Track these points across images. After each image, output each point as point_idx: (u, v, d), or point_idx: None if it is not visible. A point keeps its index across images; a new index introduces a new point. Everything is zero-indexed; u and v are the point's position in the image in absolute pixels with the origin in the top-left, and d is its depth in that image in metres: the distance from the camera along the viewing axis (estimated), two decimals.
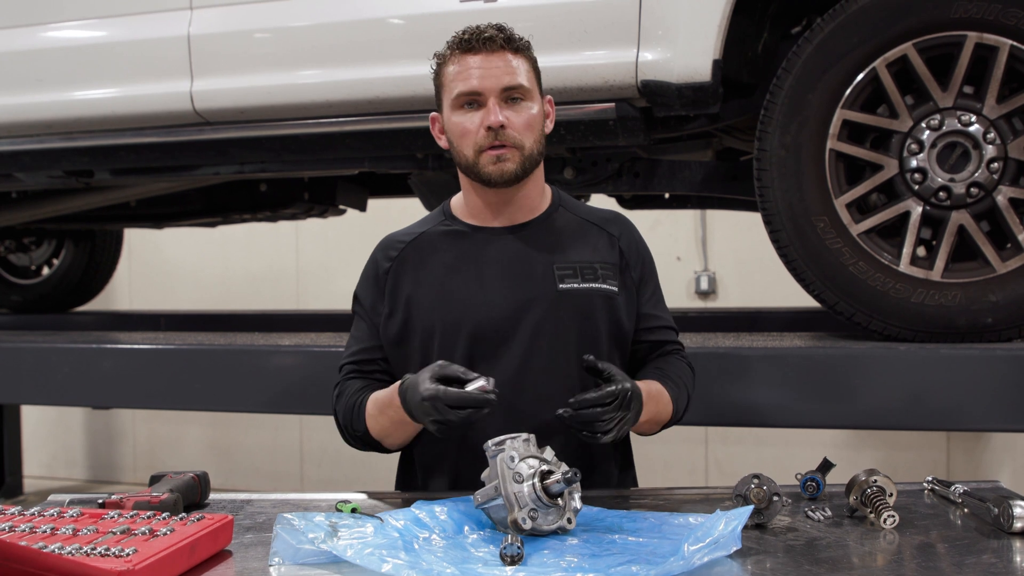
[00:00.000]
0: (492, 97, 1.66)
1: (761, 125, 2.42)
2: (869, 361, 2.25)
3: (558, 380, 1.70)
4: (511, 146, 1.67)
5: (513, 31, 1.71)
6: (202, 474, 1.70)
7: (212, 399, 2.92)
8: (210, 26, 2.89)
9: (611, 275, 1.76)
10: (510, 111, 1.67)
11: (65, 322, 4.52)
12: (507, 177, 1.69)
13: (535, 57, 1.74)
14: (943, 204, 2.33)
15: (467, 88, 1.67)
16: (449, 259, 1.76)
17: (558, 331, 1.70)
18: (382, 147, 2.83)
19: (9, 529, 1.35)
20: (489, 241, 1.76)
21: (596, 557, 1.29)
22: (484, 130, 1.67)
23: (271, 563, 1.31)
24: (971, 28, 2.27)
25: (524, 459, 1.38)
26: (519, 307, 1.71)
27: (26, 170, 3.27)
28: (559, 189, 1.87)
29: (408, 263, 1.78)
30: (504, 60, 1.67)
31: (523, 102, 1.69)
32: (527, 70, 1.70)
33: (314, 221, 4.35)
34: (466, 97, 1.68)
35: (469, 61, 1.67)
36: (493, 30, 1.68)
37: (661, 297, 1.86)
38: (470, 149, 1.69)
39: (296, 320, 4.39)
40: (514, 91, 1.67)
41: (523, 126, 1.68)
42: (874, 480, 1.52)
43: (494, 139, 1.66)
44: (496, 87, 1.66)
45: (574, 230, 1.79)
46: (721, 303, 5.09)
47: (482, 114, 1.67)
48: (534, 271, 1.73)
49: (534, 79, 1.72)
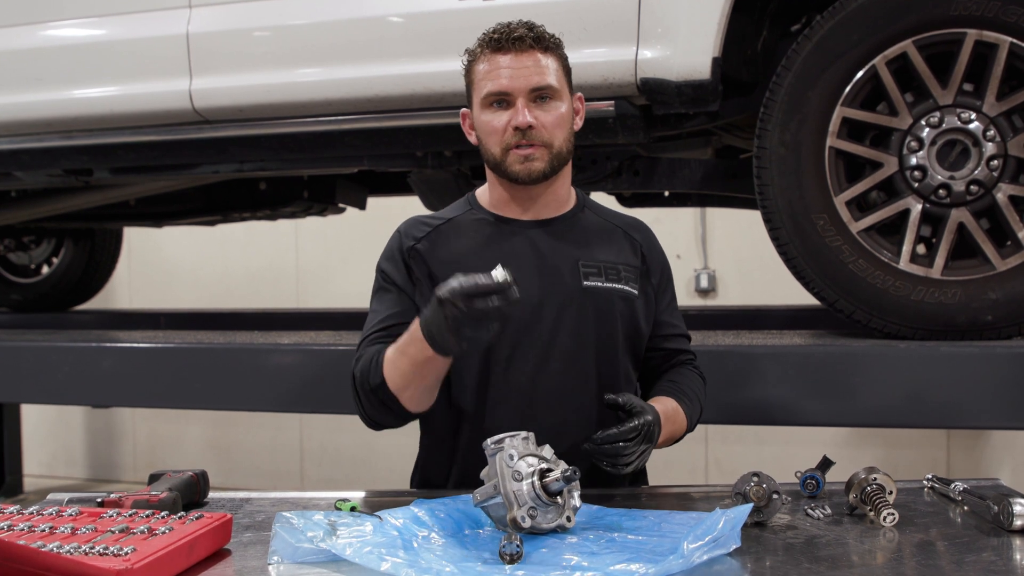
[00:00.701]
0: (521, 97, 1.66)
1: (761, 123, 2.42)
2: (869, 359, 2.25)
3: (575, 375, 1.70)
4: (540, 145, 1.67)
5: (543, 29, 1.71)
6: (201, 473, 1.70)
7: (212, 398, 2.92)
8: (209, 24, 2.88)
9: (633, 278, 1.77)
10: (539, 111, 1.67)
11: (65, 321, 4.52)
12: (535, 176, 1.69)
13: (565, 55, 1.74)
14: (943, 202, 2.33)
15: (496, 88, 1.67)
16: (474, 245, 1.75)
17: (579, 327, 1.71)
18: (382, 145, 2.83)
19: (8, 528, 1.35)
20: (515, 232, 1.76)
21: (595, 555, 1.29)
22: (512, 129, 1.67)
23: (270, 562, 1.31)
24: (971, 25, 2.26)
25: (523, 457, 1.38)
26: (543, 299, 1.70)
27: (25, 169, 3.27)
28: (582, 192, 1.88)
29: (434, 245, 1.76)
30: (534, 59, 1.67)
31: (552, 101, 1.69)
32: (556, 68, 1.70)
33: (314, 220, 4.35)
34: (495, 96, 1.68)
35: (499, 60, 1.67)
36: (523, 29, 1.68)
37: (677, 306, 1.90)
38: (497, 147, 1.69)
39: (296, 319, 4.38)
40: (543, 91, 1.67)
41: (552, 124, 1.68)
42: (874, 478, 1.52)
43: (521, 138, 1.67)
44: (525, 87, 1.66)
45: (599, 231, 1.81)
46: (721, 301, 5.09)
47: (510, 113, 1.67)
48: (560, 266, 1.73)
49: (563, 77, 1.72)
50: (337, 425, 5.44)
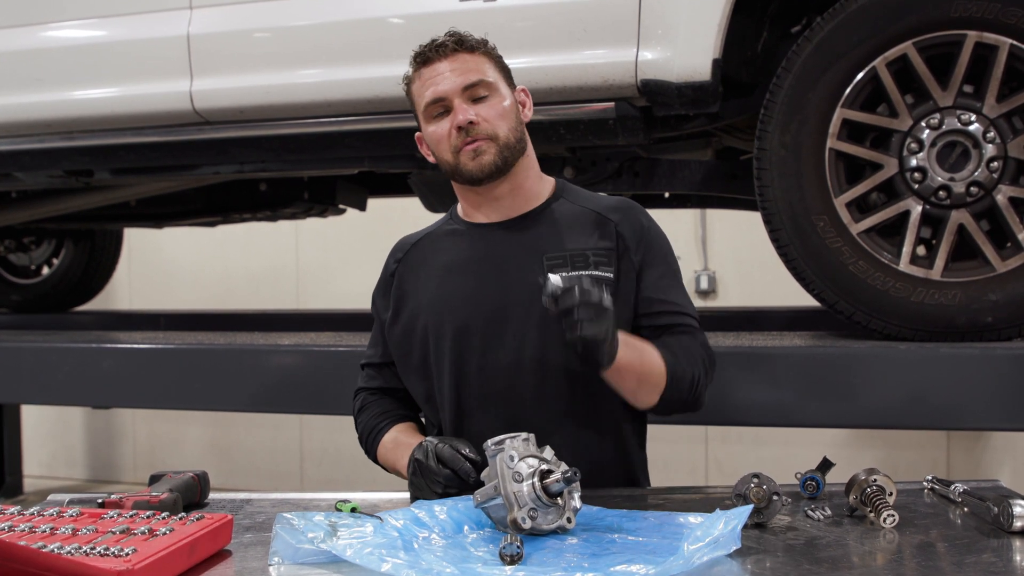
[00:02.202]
0: (456, 98, 1.68)
1: (761, 124, 2.42)
2: (869, 360, 2.25)
3: (553, 372, 1.69)
4: (484, 138, 1.68)
5: (467, 33, 1.72)
6: (201, 474, 1.71)
7: (212, 398, 2.92)
8: (210, 25, 2.89)
9: (605, 261, 1.70)
10: (478, 107, 1.68)
11: (65, 322, 4.52)
12: (488, 169, 1.69)
13: (497, 54, 1.75)
14: (943, 203, 2.33)
15: (432, 96, 1.69)
16: (447, 259, 1.78)
17: (547, 322, 1.66)
18: (382, 146, 2.83)
19: (8, 529, 1.35)
20: (482, 237, 1.77)
21: (596, 556, 1.29)
22: (455, 131, 1.68)
23: (270, 563, 1.31)
24: (971, 27, 2.27)
25: (523, 458, 1.38)
26: (507, 302, 1.70)
27: (26, 170, 3.27)
28: (567, 182, 1.86)
29: (411, 265, 1.81)
30: (460, 61, 1.69)
31: (490, 97, 1.69)
32: (487, 63, 1.71)
33: (314, 220, 4.35)
34: (435, 107, 1.70)
35: (428, 71, 1.70)
36: (446, 37, 1.71)
37: (674, 283, 1.77)
38: (448, 153, 1.70)
39: (296, 320, 4.38)
40: (477, 88, 1.68)
41: (494, 116, 1.68)
42: (874, 479, 1.52)
43: (466, 137, 1.68)
44: (457, 87, 1.67)
45: (572, 219, 1.76)
46: (721, 302, 5.09)
47: (451, 117, 1.69)
48: (524, 264, 1.71)
49: (498, 73, 1.73)
50: (337, 426, 5.41)
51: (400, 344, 1.79)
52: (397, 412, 1.84)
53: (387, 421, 1.82)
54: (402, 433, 1.78)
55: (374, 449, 1.82)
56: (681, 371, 1.66)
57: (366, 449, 1.85)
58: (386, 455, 1.79)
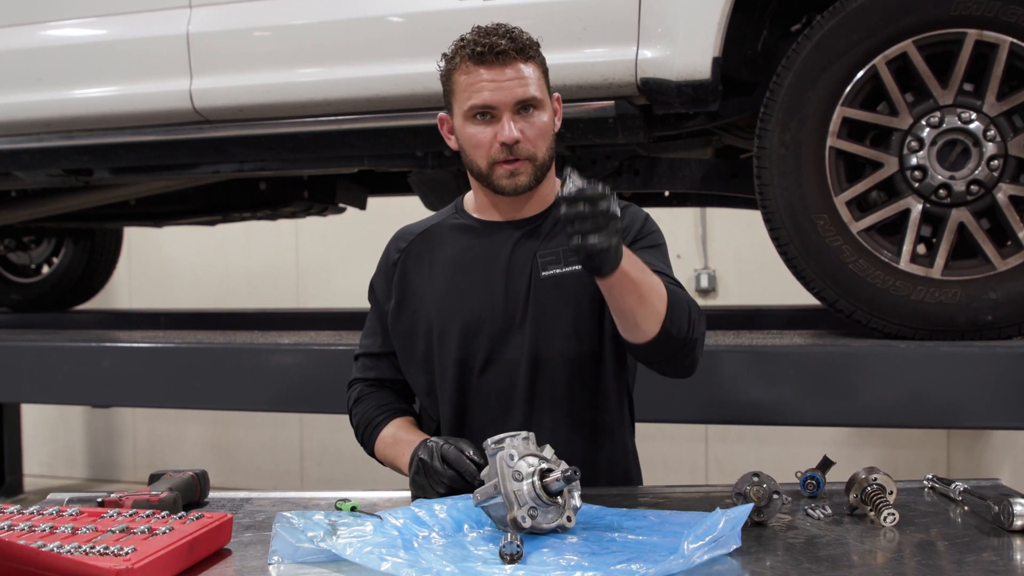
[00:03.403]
0: (506, 112, 1.64)
1: (761, 123, 2.42)
2: (869, 359, 2.25)
3: (559, 365, 1.70)
4: (525, 159, 1.66)
5: (522, 34, 1.68)
6: (201, 473, 1.70)
7: (212, 397, 2.92)
8: (209, 24, 2.89)
9: None
10: (523, 123, 1.65)
11: (65, 321, 4.52)
12: (520, 190, 1.69)
13: (544, 57, 1.72)
14: (943, 202, 2.33)
15: (480, 102, 1.64)
16: (454, 254, 1.77)
17: (546, 318, 1.70)
18: (382, 145, 2.83)
19: (8, 528, 1.35)
20: (493, 236, 1.77)
21: (596, 555, 1.29)
22: (498, 144, 1.65)
23: (270, 562, 1.31)
24: (971, 25, 2.27)
25: (523, 457, 1.38)
26: (508, 302, 1.71)
27: (26, 169, 3.27)
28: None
29: (416, 255, 1.80)
30: (516, 71, 1.64)
31: (535, 111, 1.67)
32: (538, 77, 1.68)
33: (314, 219, 4.35)
34: (479, 109, 1.66)
35: (481, 73, 1.64)
36: (505, 40, 1.64)
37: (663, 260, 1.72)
38: (484, 160, 1.68)
39: (296, 319, 4.39)
40: (527, 102, 1.65)
41: (536, 136, 1.67)
42: (874, 478, 1.52)
43: (508, 153, 1.65)
44: (510, 101, 1.64)
45: None
46: (721, 301, 5.09)
47: (496, 128, 1.65)
48: (523, 264, 1.73)
49: (544, 84, 1.70)
50: (337, 425, 5.39)
51: (404, 335, 1.79)
52: (395, 406, 1.83)
53: (385, 415, 1.81)
54: (401, 429, 1.78)
55: (371, 442, 1.81)
56: (679, 300, 1.59)
57: (362, 441, 1.84)
58: (385, 451, 1.78)
